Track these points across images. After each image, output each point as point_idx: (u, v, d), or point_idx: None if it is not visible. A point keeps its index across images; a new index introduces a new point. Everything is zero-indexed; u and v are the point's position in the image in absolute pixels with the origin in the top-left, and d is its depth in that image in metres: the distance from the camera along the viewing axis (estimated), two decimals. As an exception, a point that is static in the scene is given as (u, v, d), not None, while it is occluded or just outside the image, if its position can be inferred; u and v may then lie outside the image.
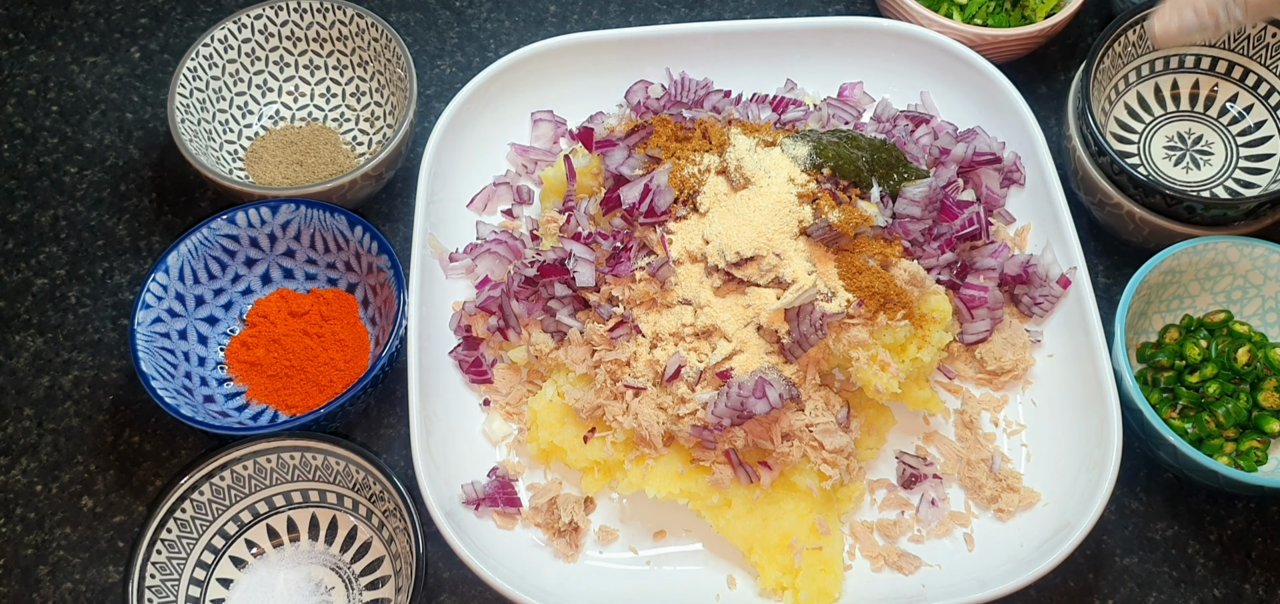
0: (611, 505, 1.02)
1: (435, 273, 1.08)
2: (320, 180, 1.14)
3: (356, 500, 0.99)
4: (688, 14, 1.34)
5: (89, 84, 1.29)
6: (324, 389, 1.06)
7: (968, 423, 1.04)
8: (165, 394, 1.00)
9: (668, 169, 1.02)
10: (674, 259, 0.99)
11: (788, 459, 0.96)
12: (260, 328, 1.10)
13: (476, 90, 1.15)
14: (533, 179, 1.17)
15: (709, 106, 1.14)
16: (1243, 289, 1.07)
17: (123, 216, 1.21)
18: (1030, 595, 0.99)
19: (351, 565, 0.99)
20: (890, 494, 1.02)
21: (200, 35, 1.20)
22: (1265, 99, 1.17)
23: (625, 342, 0.99)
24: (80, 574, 1.02)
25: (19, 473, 1.06)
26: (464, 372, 1.06)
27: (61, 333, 1.14)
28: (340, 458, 0.98)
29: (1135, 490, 1.04)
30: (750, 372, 0.95)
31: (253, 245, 1.11)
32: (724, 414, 0.94)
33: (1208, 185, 1.16)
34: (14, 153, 1.25)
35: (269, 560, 1.00)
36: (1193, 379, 1.04)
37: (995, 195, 1.12)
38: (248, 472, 0.98)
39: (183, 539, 0.97)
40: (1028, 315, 1.08)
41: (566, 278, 1.02)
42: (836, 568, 0.95)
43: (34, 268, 1.18)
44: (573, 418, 1.00)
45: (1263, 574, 1.01)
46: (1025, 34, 1.19)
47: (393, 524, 0.96)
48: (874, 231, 1.01)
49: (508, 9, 1.34)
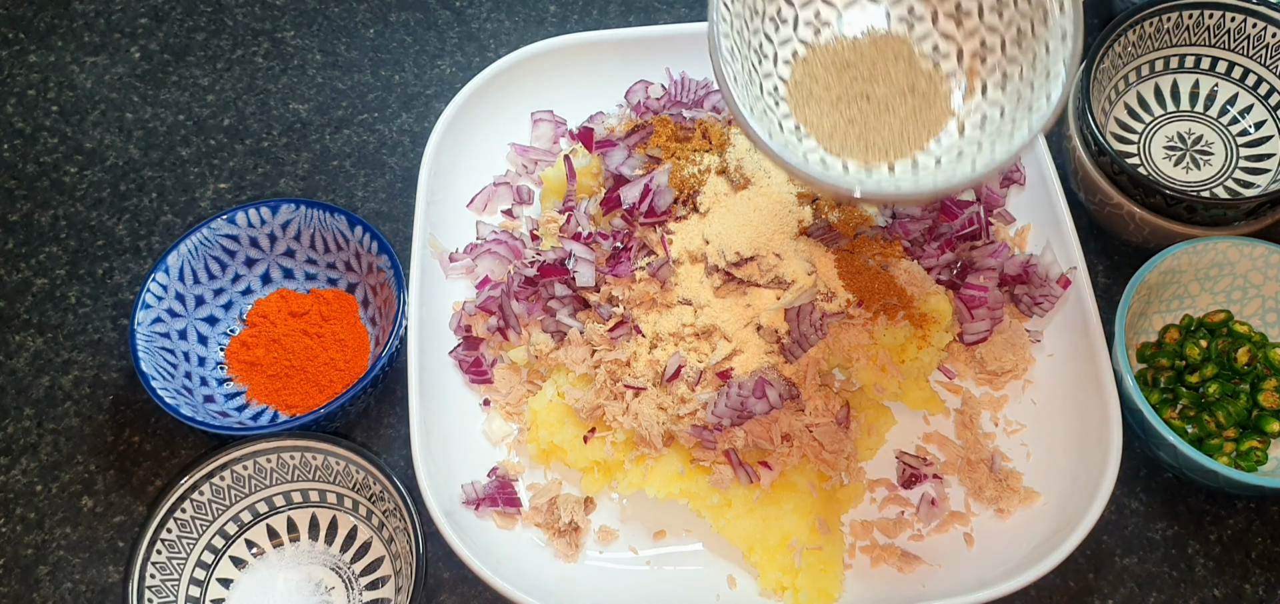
0: (611, 505, 1.02)
1: (435, 273, 1.08)
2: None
3: (356, 500, 0.99)
4: (688, 14, 1.34)
5: (89, 84, 1.29)
6: (324, 389, 1.06)
7: (968, 422, 1.04)
8: (165, 394, 1.00)
9: (668, 169, 1.02)
10: (674, 259, 0.99)
11: (788, 459, 0.96)
12: (260, 328, 1.10)
13: (476, 90, 1.15)
14: (533, 179, 1.17)
15: (709, 106, 1.14)
16: (1243, 289, 1.07)
17: (123, 216, 1.21)
18: (1030, 595, 0.99)
19: (351, 565, 0.99)
20: (890, 494, 1.02)
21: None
22: (1265, 99, 1.17)
23: (625, 342, 0.99)
24: (80, 574, 1.02)
25: (19, 473, 1.06)
26: (464, 372, 1.06)
27: (61, 333, 1.14)
28: (340, 458, 0.98)
29: (1135, 490, 1.04)
30: (750, 372, 0.95)
31: (253, 245, 1.11)
32: (724, 414, 0.94)
33: (1208, 185, 1.16)
34: (14, 153, 1.25)
35: (269, 560, 1.00)
36: (1193, 379, 1.04)
37: (995, 195, 1.12)
38: (248, 472, 0.98)
39: (183, 539, 0.97)
40: (1028, 315, 1.08)
41: (566, 278, 1.02)
42: (836, 568, 0.95)
43: (34, 268, 1.18)
44: (573, 418, 1.00)
45: (1263, 574, 1.01)
46: (1025, 34, 1.19)
47: (393, 524, 0.96)
48: (874, 231, 1.01)
49: (508, 9, 1.34)
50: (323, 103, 1.28)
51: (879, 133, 0.81)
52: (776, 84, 0.81)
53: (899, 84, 0.83)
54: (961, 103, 0.82)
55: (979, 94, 0.82)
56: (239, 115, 1.27)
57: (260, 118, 1.27)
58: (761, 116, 0.78)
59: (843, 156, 0.80)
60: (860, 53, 0.83)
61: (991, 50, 0.82)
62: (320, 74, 1.30)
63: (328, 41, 1.32)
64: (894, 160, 0.81)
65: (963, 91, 0.82)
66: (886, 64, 0.83)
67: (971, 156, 0.79)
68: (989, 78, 0.82)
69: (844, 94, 0.82)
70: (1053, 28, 0.78)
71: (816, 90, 0.82)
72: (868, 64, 0.83)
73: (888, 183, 0.78)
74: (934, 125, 0.82)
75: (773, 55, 0.82)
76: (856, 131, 0.81)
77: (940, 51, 0.83)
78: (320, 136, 1.26)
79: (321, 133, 1.26)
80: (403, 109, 1.27)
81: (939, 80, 0.83)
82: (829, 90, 0.82)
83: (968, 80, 0.82)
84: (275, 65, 1.31)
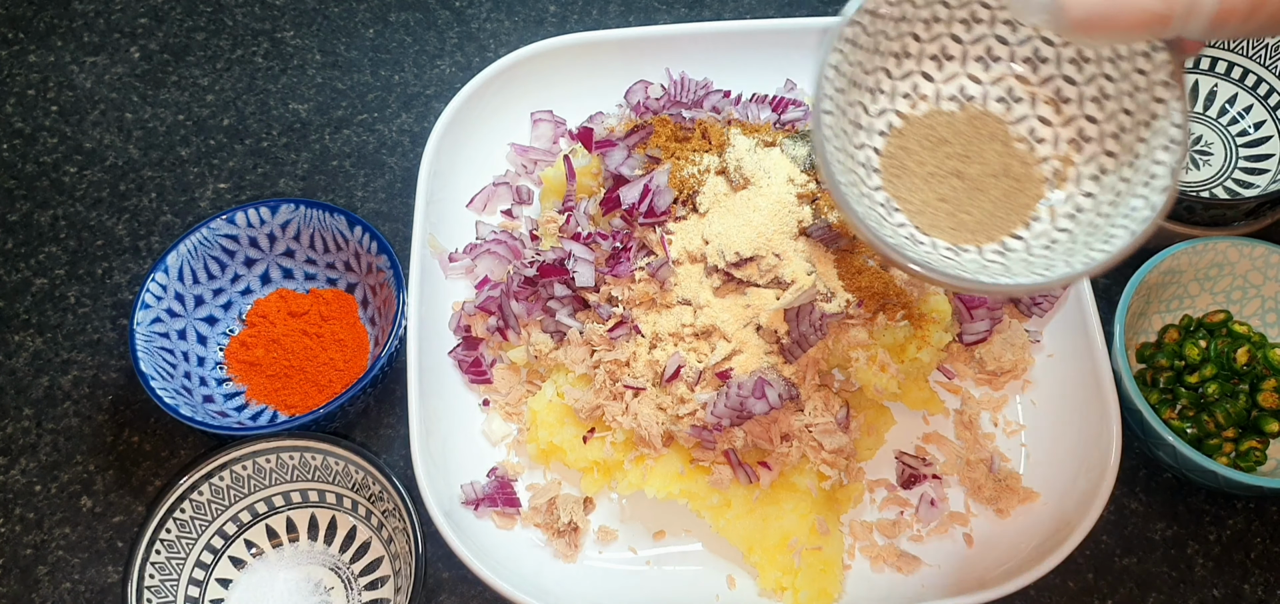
0: (611, 505, 1.02)
1: (435, 273, 1.08)
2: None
3: (356, 500, 0.99)
4: (688, 14, 1.35)
5: (89, 84, 1.29)
6: (323, 389, 1.06)
7: (967, 423, 1.04)
8: (165, 394, 1.00)
9: (667, 169, 1.02)
10: (673, 259, 0.99)
11: (787, 459, 0.96)
12: (260, 328, 1.10)
13: (476, 90, 1.15)
14: (532, 179, 1.17)
15: (709, 106, 1.14)
16: (1242, 289, 1.07)
17: (122, 216, 1.21)
18: (1030, 596, 0.99)
19: (351, 565, 0.99)
20: (890, 494, 1.02)
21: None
22: (1265, 99, 1.17)
23: (625, 342, 0.99)
24: (79, 574, 1.02)
25: (18, 473, 1.06)
26: (463, 372, 1.06)
27: (61, 333, 1.14)
28: (340, 458, 0.98)
29: (1135, 490, 1.04)
30: (750, 372, 0.95)
31: (252, 245, 1.11)
32: (723, 414, 0.94)
33: (1207, 185, 1.16)
34: (14, 153, 1.25)
35: (268, 560, 1.00)
36: (1192, 379, 1.04)
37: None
38: (247, 472, 0.98)
39: (182, 539, 0.97)
40: (1027, 315, 1.08)
41: (566, 278, 1.02)
42: (836, 568, 0.95)
43: (34, 268, 1.18)
44: (572, 418, 1.00)
45: (1262, 574, 1.01)
46: (1025, 34, 1.19)
47: (392, 524, 0.96)
48: (874, 232, 1.01)
49: (508, 9, 1.34)
50: (322, 103, 1.28)
51: (970, 213, 0.79)
52: (870, 155, 0.80)
53: (992, 165, 0.81)
54: (1055, 191, 0.81)
55: (1072, 183, 0.80)
56: (239, 115, 1.27)
57: (260, 118, 1.27)
58: (856, 193, 0.76)
59: (932, 235, 0.78)
60: (955, 129, 0.82)
61: (1089, 139, 0.80)
62: (320, 74, 1.30)
63: (328, 41, 1.32)
64: (983, 243, 0.79)
65: (1056, 178, 0.81)
66: (981, 143, 0.81)
67: (1066, 249, 0.77)
68: (1084, 168, 0.80)
69: (936, 170, 0.80)
70: (1158, 133, 0.75)
71: (910, 164, 0.80)
72: (963, 142, 0.81)
73: (985, 274, 0.75)
74: (1025, 210, 0.80)
75: (868, 126, 0.80)
76: (947, 210, 0.79)
77: (1036, 136, 0.82)
78: (320, 136, 1.26)
79: (321, 133, 1.26)
80: (403, 109, 1.27)
81: (1032, 164, 0.81)
82: (922, 165, 0.80)
83: (1062, 166, 0.81)
84: (275, 65, 1.31)
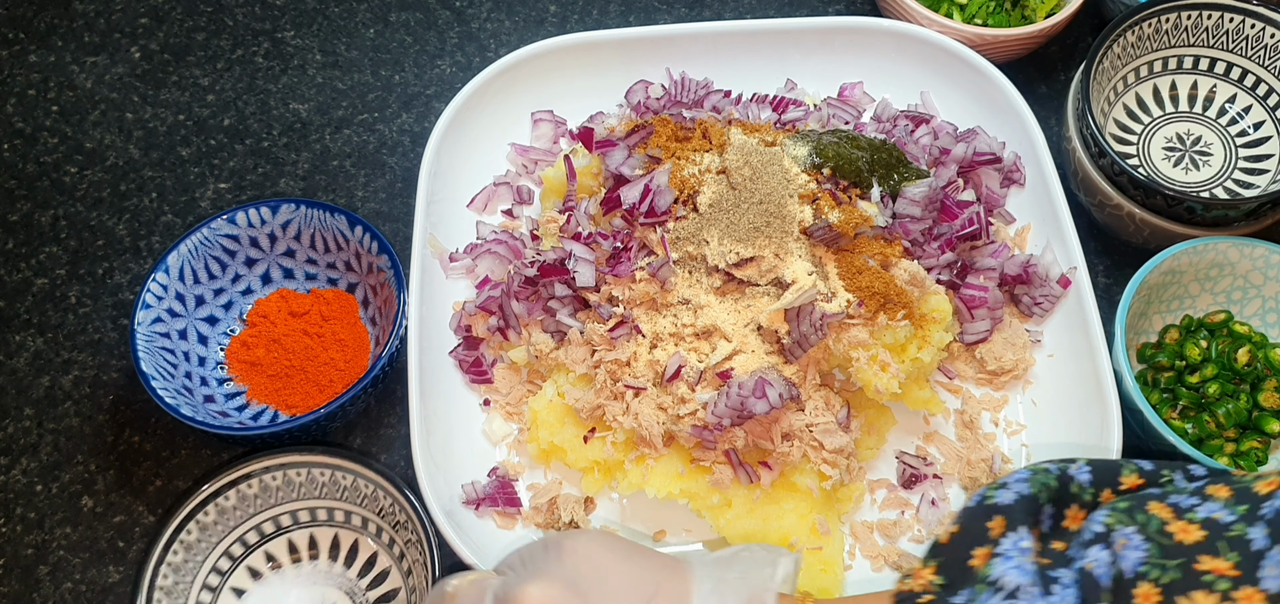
0: (611, 505, 1.02)
1: (435, 273, 1.08)
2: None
3: (380, 527, 0.99)
4: (688, 14, 1.35)
5: (89, 84, 1.29)
6: (324, 389, 1.06)
7: (968, 423, 1.04)
8: (165, 394, 1.00)
9: (668, 169, 1.02)
10: (674, 259, 0.99)
11: (788, 459, 0.96)
12: (260, 328, 1.10)
13: (476, 90, 1.15)
14: (533, 179, 1.17)
15: (709, 106, 1.14)
16: (1243, 289, 1.07)
17: (123, 216, 1.21)
18: (1030, 595, 0.99)
19: (366, 593, 0.99)
20: (890, 494, 1.02)
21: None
22: (1264, 100, 1.17)
23: (625, 342, 0.99)
24: (80, 574, 1.02)
25: (19, 473, 1.06)
26: (464, 372, 1.06)
27: (61, 333, 1.14)
28: (369, 481, 0.97)
29: (1135, 490, 1.04)
30: (750, 372, 0.95)
31: (253, 245, 1.11)
32: (724, 414, 0.94)
33: (1207, 186, 1.16)
34: (14, 153, 1.25)
35: (284, 575, 1.00)
36: (1193, 379, 1.04)
37: (995, 195, 1.12)
38: (276, 483, 0.98)
39: (201, 543, 0.97)
40: (1028, 315, 1.08)
41: (566, 278, 1.02)
42: (836, 568, 0.95)
43: (34, 268, 1.18)
44: (573, 418, 1.00)
45: (1262, 574, 1.01)
46: (1025, 34, 1.19)
47: (413, 557, 0.96)
48: (874, 232, 1.01)
49: (508, 9, 1.34)
50: (323, 103, 1.28)
51: None
52: None
53: None
54: None
55: None
56: (239, 115, 1.27)
57: (260, 118, 1.27)
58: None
59: None
60: None
61: None
62: (320, 74, 1.30)
63: (328, 41, 1.32)
64: None
65: None
66: None
67: None
68: None
69: None
70: None
71: None
72: None
73: None
74: None
75: None
76: None
77: None
78: (320, 136, 1.26)
79: (321, 133, 1.26)
80: (403, 109, 1.27)
81: None
82: None
83: None
84: (275, 65, 1.31)
